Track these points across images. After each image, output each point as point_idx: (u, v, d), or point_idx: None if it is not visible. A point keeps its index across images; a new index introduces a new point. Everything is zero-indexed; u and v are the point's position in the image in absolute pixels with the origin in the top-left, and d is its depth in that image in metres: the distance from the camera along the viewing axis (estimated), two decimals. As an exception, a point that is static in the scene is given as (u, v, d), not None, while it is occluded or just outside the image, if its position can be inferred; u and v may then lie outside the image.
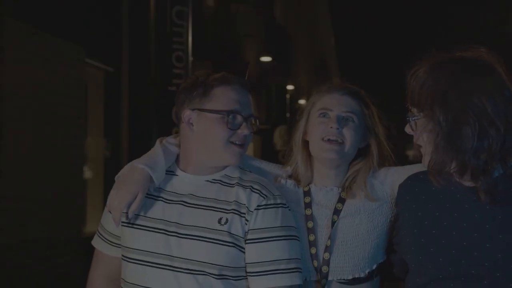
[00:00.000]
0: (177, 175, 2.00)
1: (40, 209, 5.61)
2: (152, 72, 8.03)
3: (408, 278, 1.87)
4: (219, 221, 1.88)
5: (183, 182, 1.98)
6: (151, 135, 7.80)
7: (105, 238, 2.10)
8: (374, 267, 2.06)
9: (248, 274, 1.89)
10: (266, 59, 15.51)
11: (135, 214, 1.94)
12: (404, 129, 1.96)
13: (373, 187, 2.10)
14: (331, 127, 2.05)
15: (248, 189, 1.93)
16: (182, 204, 1.93)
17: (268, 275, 1.86)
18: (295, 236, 1.95)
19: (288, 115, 18.62)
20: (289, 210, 1.98)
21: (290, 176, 2.17)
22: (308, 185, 2.13)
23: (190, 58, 8.31)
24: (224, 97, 1.97)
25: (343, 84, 2.17)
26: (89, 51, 6.69)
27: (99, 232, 2.12)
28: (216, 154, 1.96)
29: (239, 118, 1.98)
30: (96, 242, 2.13)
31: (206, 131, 1.95)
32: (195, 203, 1.93)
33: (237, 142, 1.97)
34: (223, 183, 1.97)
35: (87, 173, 7.08)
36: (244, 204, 1.90)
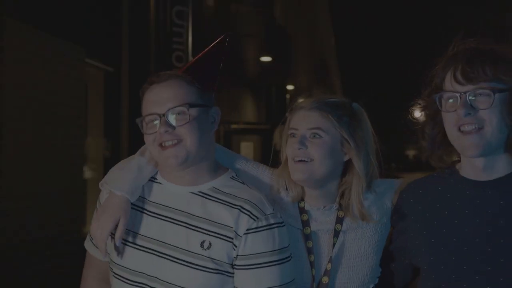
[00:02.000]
0: (160, 183, 1.87)
1: (40, 209, 5.61)
2: (152, 72, 8.03)
3: (419, 283, 1.84)
4: (202, 244, 1.76)
5: (166, 192, 1.85)
6: (151, 135, 7.79)
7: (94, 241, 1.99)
8: (377, 281, 2.01)
9: None
10: (266, 59, 15.52)
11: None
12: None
13: (371, 204, 2.00)
14: (294, 148, 1.93)
15: (237, 209, 1.77)
16: (164, 219, 1.81)
17: None
18: (288, 257, 1.82)
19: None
20: (284, 227, 1.85)
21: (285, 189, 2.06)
22: (303, 201, 2.03)
23: (190, 58, 8.32)
24: (143, 102, 1.82)
25: (313, 98, 2.03)
26: (89, 51, 6.69)
27: (90, 234, 1.98)
28: (158, 161, 1.83)
29: (153, 118, 1.77)
30: (88, 246, 2.02)
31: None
32: (178, 219, 1.80)
33: (165, 144, 1.77)
34: (209, 198, 1.82)
35: (87, 173, 7.08)
36: (232, 228, 1.75)
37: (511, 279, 1.65)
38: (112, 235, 1.83)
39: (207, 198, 1.81)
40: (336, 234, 1.97)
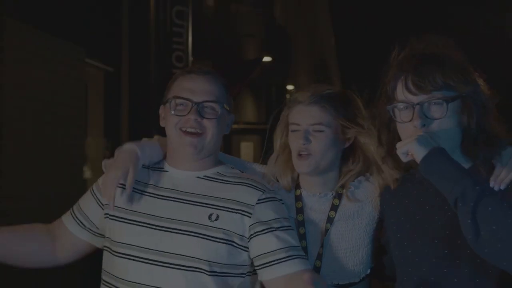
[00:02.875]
0: (167, 171, 1.99)
1: (40, 209, 5.61)
2: (152, 72, 8.03)
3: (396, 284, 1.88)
4: (210, 217, 1.86)
5: (173, 178, 1.96)
6: (151, 135, 7.80)
7: (77, 218, 2.07)
8: (368, 271, 2.06)
9: (262, 266, 1.86)
10: (266, 59, 15.52)
11: (124, 209, 1.93)
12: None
13: (362, 188, 2.06)
14: (298, 143, 2.04)
15: (243, 185, 1.92)
16: (172, 200, 1.91)
17: (287, 261, 1.84)
18: (292, 227, 1.97)
19: (288, 115, 18.61)
20: (284, 204, 1.99)
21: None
22: (299, 189, 2.11)
23: (190, 58, 8.32)
24: (175, 86, 1.96)
25: (309, 91, 2.10)
26: (89, 51, 6.69)
27: (73, 211, 2.10)
28: (173, 144, 1.96)
29: (186, 103, 1.91)
30: (65, 218, 2.11)
31: (165, 121, 1.98)
32: (186, 198, 1.91)
33: (187, 130, 1.90)
34: (214, 180, 1.95)
35: (87, 173, 7.08)
36: (241, 202, 1.88)
37: (467, 261, 1.67)
38: (110, 216, 1.93)
39: (212, 180, 1.95)
40: (330, 220, 2.04)
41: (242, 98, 16.80)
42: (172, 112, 1.92)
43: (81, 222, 2.07)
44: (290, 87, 19.87)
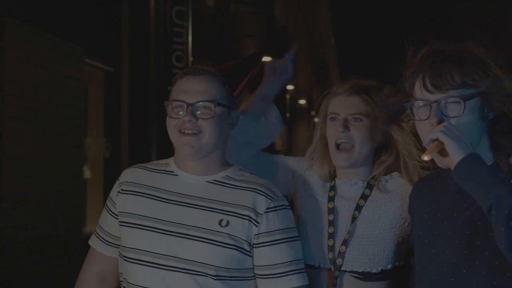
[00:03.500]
0: (177, 175, 1.99)
1: (40, 209, 5.61)
2: (152, 72, 8.02)
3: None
4: (220, 222, 1.87)
5: (183, 182, 1.96)
6: (151, 135, 7.81)
7: (101, 237, 2.09)
8: (389, 267, 2.08)
9: (259, 276, 1.90)
10: (266, 59, 15.49)
11: (133, 214, 1.94)
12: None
13: (393, 182, 2.14)
14: (337, 131, 2.12)
15: (253, 191, 1.92)
16: (182, 205, 1.92)
17: (283, 277, 1.88)
18: (298, 237, 1.98)
19: (288, 115, 18.62)
20: (290, 209, 2.00)
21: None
22: (334, 179, 2.20)
23: (190, 58, 8.32)
24: (174, 89, 1.98)
25: (349, 83, 2.19)
26: (89, 51, 6.69)
27: (96, 232, 2.11)
28: (175, 145, 1.97)
29: (181, 105, 1.91)
30: (92, 241, 2.12)
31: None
32: (195, 203, 1.91)
33: (184, 131, 1.91)
34: (224, 184, 1.95)
35: (87, 173, 7.08)
36: (250, 207, 1.89)
37: (473, 271, 1.66)
38: (121, 222, 1.98)
39: (222, 185, 1.95)
40: (358, 208, 2.11)
41: (242, 98, 16.80)
42: (170, 115, 1.95)
43: (105, 240, 2.08)
44: (290, 87, 19.87)
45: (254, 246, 1.88)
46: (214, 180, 1.96)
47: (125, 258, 1.94)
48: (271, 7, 16.58)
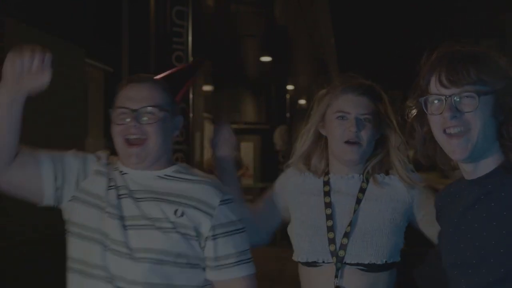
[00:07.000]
0: (126, 173, 2.02)
1: (40, 209, 5.61)
2: (152, 72, 8.02)
3: None
4: (175, 212, 1.91)
5: (134, 178, 2.00)
6: (151, 135, 7.80)
7: (56, 169, 2.13)
8: (391, 261, 2.13)
9: (212, 267, 1.94)
10: (266, 59, 15.51)
11: (87, 198, 2.06)
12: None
13: (390, 179, 2.20)
14: (350, 130, 2.16)
15: (205, 184, 1.97)
16: (137, 199, 1.95)
17: (234, 267, 1.94)
18: (245, 227, 2.04)
19: (288, 115, 18.62)
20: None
21: (308, 169, 2.29)
22: (327, 174, 2.24)
23: (190, 58, 8.32)
24: (118, 97, 2.08)
25: (357, 83, 2.23)
26: (89, 51, 6.69)
27: (53, 157, 2.20)
28: (119, 153, 2.03)
29: (125, 111, 2.00)
30: (44, 156, 2.21)
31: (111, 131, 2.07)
32: (150, 196, 1.95)
33: (129, 138, 1.98)
34: (175, 178, 1.99)
35: (87, 173, 7.07)
36: (205, 201, 1.93)
37: (478, 273, 1.66)
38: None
39: (173, 179, 1.99)
40: (358, 201, 2.17)
41: (242, 98, 16.80)
42: (115, 122, 2.05)
43: (57, 176, 2.13)
44: (290, 87, 19.87)
45: (209, 237, 1.92)
46: (165, 175, 2.00)
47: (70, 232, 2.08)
48: (271, 7, 16.58)
